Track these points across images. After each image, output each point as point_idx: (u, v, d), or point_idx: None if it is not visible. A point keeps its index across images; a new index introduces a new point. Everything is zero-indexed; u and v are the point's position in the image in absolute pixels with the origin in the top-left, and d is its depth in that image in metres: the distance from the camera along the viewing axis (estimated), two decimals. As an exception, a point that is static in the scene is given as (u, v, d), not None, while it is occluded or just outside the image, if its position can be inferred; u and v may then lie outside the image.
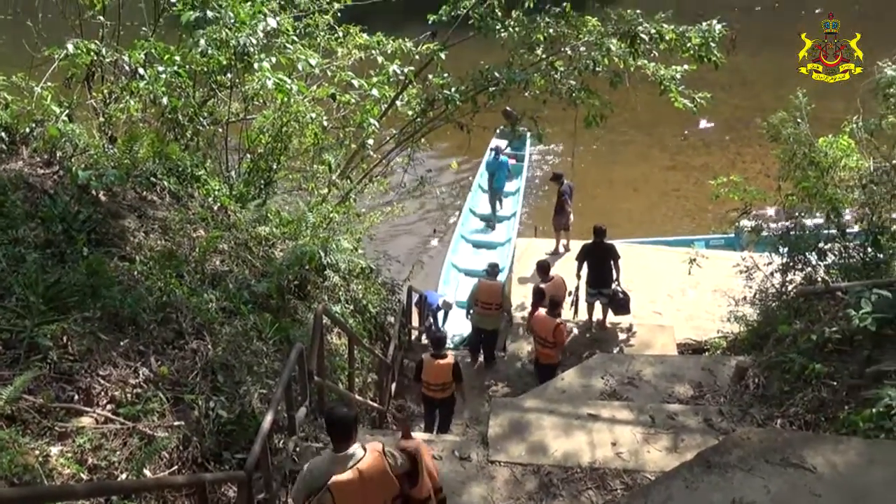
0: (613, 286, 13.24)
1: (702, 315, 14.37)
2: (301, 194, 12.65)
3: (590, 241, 13.38)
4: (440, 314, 15.09)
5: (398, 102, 13.92)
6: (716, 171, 19.64)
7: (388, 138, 14.97)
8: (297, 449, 7.38)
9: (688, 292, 15.22)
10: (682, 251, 14.41)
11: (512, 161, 20.45)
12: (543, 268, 13.00)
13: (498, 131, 20.38)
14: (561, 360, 11.84)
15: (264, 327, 8.51)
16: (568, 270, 13.76)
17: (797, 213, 11.31)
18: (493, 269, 13.31)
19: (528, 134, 15.53)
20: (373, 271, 12.58)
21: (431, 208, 21.73)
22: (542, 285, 12.54)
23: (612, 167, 23.29)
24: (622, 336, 13.57)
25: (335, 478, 5.06)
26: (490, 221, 19.93)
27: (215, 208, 10.08)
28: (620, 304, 13.29)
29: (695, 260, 12.88)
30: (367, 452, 5.22)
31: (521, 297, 14.72)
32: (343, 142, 13.34)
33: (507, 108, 16.27)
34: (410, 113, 14.21)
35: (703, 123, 24.50)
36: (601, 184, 22.37)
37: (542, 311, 11.81)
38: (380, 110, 13.24)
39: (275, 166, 11.77)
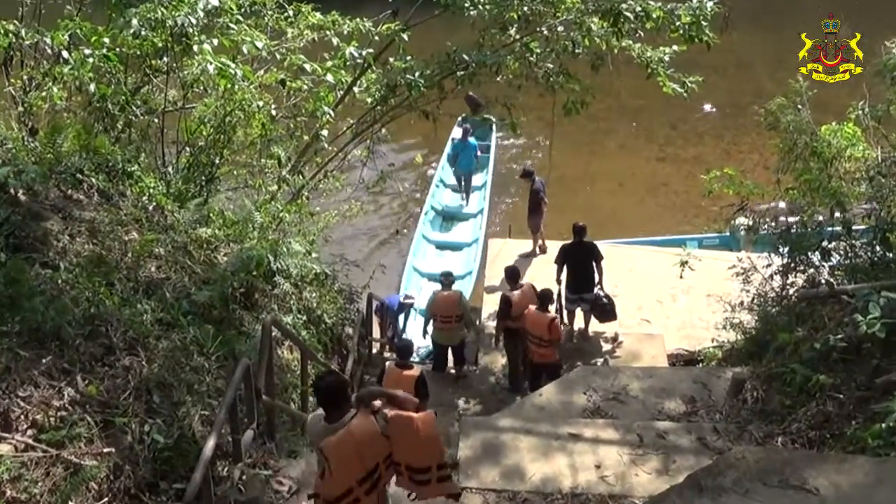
0: (596, 290, 13.25)
1: (694, 322, 14.44)
2: (247, 192, 12.57)
3: (569, 242, 13.41)
4: (401, 317, 15.06)
5: (356, 89, 13.89)
6: (709, 162, 19.80)
7: (344, 129, 14.93)
8: (244, 477, 7.31)
9: (679, 297, 15.28)
10: (672, 252, 14.48)
11: (480, 152, 20.49)
12: (512, 274, 12.92)
13: (460, 119, 20.36)
14: (561, 358, 12.03)
15: (206, 341, 8.41)
16: (546, 275, 13.76)
17: (802, 208, 11.37)
18: (447, 280, 13.28)
19: (494, 122, 15.49)
20: (328, 277, 12.53)
21: (394, 207, 21.69)
22: (511, 293, 12.51)
23: (594, 159, 23.36)
24: (606, 346, 13.59)
25: (327, 440, 5.36)
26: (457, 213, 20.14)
27: (150, 208, 10.00)
28: (604, 310, 13.27)
29: (686, 262, 12.88)
30: (357, 413, 5.51)
31: (494, 303, 14.64)
32: (294, 133, 13.30)
33: (470, 94, 16.23)
34: (370, 100, 14.15)
35: (707, 108, 24.62)
36: (582, 178, 22.42)
37: (532, 307, 11.87)
38: (335, 97, 13.22)
39: (217, 161, 11.73)
